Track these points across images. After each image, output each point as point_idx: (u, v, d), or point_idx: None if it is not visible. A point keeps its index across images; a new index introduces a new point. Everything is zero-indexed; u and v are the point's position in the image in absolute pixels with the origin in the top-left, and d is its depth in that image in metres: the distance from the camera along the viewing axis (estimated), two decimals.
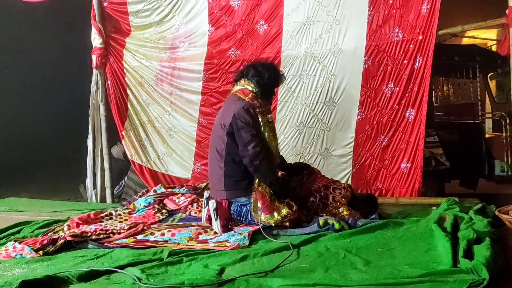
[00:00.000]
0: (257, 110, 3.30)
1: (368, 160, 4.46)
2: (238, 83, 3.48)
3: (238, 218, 3.33)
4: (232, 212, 3.32)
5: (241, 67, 4.65)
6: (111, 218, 3.69)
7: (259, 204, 3.16)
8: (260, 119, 3.28)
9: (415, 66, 4.27)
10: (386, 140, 4.41)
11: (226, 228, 3.20)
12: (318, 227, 3.03)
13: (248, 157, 3.19)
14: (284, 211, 3.12)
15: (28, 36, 10.23)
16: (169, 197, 4.15)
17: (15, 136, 10.08)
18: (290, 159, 4.60)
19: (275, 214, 3.12)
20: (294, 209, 3.15)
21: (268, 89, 3.49)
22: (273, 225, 3.13)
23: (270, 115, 3.44)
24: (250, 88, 3.40)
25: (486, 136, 5.98)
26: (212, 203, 3.23)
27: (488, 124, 6.92)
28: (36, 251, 2.88)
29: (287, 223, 3.14)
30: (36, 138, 10.31)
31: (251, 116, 3.24)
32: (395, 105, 4.36)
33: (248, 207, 3.27)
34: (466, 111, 6.23)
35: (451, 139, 5.72)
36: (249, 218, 3.28)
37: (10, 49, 9.93)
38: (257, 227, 3.16)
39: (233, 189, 3.29)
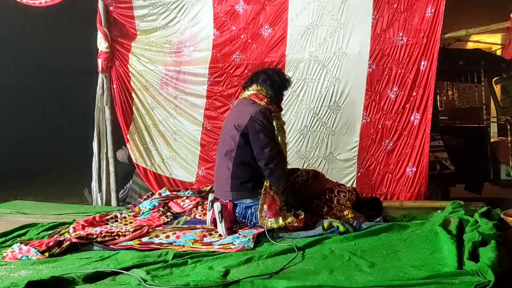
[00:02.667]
0: (273, 114, 3.33)
1: (373, 164, 4.46)
2: (250, 88, 3.50)
3: (243, 220, 3.33)
4: (237, 214, 3.33)
5: (246, 71, 4.70)
6: (116, 221, 3.69)
7: (265, 207, 3.17)
8: (274, 123, 3.30)
9: (420, 70, 4.28)
10: (391, 144, 4.41)
11: (231, 230, 3.21)
12: (323, 229, 3.04)
13: (264, 159, 3.19)
14: (289, 219, 3.12)
15: (34, 40, 10.29)
16: (174, 200, 4.16)
17: (21, 140, 10.13)
18: (295, 163, 4.62)
19: (280, 219, 3.12)
20: (300, 218, 3.15)
21: (280, 93, 3.54)
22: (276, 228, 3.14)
23: (284, 121, 3.48)
24: (264, 93, 3.42)
25: (491, 140, 5.96)
26: (217, 206, 3.23)
27: (493, 128, 6.90)
28: (42, 252, 2.89)
29: (291, 227, 3.14)
30: (41, 141, 10.35)
31: (267, 120, 3.26)
32: (399, 109, 4.37)
33: (253, 209, 3.28)
34: (471, 115, 6.21)
35: (456, 143, 5.70)
36: (254, 221, 3.28)
37: (16, 53, 9.99)
38: (262, 230, 3.17)
39: (239, 190, 3.30)
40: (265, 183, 3.22)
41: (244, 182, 3.29)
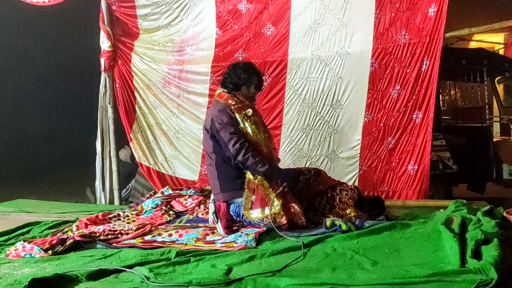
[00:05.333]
0: (232, 108, 3.35)
1: (375, 162, 4.46)
2: (219, 88, 3.59)
3: (238, 218, 3.33)
4: (231, 213, 3.33)
5: None
6: (119, 219, 3.71)
7: (253, 198, 3.18)
8: (237, 116, 3.32)
9: (422, 69, 4.28)
10: (393, 142, 4.41)
11: (229, 229, 3.23)
12: (325, 228, 3.04)
13: (231, 155, 3.24)
14: (276, 209, 3.10)
15: (36, 39, 10.30)
16: (176, 199, 4.17)
17: (23, 139, 10.14)
18: (297, 161, 4.63)
19: (266, 209, 3.13)
20: (287, 212, 3.12)
21: (235, 85, 3.46)
22: (264, 222, 3.14)
23: (248, 110, 3.41)
24: (225, 91, 3.49)
25: (494, 139, 5.95)
26: (211, 207, 3.31)
27: (496, 127, 6.89)
28: (45, 250, 2.91)
29: (283, 227, 3.12)
30: (44, 141, 10.36)
31: (227, 116, 3.30)
32: (402, 108, 4.37)
33: None
34: (473, 114, 6.20)
35: (459, 142, 5.70)
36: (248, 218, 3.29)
37: (18, 53, 10.00)
38: (264, 229, 3.18)
39: (228, 190, 3.33)
40: (247, 176, 3.25)
41: (232, 180, 3.32)
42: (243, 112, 3.37)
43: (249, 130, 3.31)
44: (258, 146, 3.31)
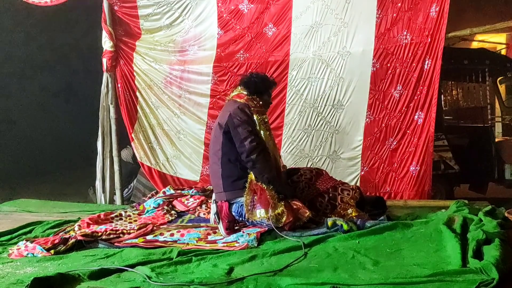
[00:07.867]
0: (252, 109, 3.38)
1: (377, 163, 4.45)
2: (235, 90, 3.61)
3: (240, 218, 3.33)
4: (233, 213, 3.33)
5: (250, 70, 4.70)
6: (121, 219, 3.72)
7: (255, 199, 3.18)
8: (255, 118, 3.35)
9: (424, 69, 4.27)
10: (395, 143, 4.41)
11: (231, 229, 3.23)
12: (327, 228, 3.04)
13: (245, 152, 3.24)
14: (279, 209, 3.11)
15: (37, 39, 10.33)
16: (178, 199, 4.18)
17: (25, 140, 10.17)
18: (298, 162, 4.63)
19: (270, 210, 3.12)
20: (291, 209, 3.12)
21: (258, 89, 3.53)
22: (266, 221, 3.14)
23: (265, 116, 3.50)
24: (245, 92, 3.50)
25: (496, 140, 5.95)
26: (213, 208, 3.31)
27: (498, 128, 6.89)
28: (48, 250, 2.93)
29: (286, 226, 3.12)
30: (47, 140, 10.39)
31: (246, 115, 3.33)
32: (403, 108, 4.36)
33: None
34: (475, 115, 6.20)
35: (461, 143, 5.70)
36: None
37: (20, 53, 10.03)
38: (265, 228, 3.18)
39: (232, 189, 3.32)
40: (249, 177, 3.25)
41: (235, 180, 3.31)
42: (262, 117, 3.42)
43: (262, 135, 3.35)
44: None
